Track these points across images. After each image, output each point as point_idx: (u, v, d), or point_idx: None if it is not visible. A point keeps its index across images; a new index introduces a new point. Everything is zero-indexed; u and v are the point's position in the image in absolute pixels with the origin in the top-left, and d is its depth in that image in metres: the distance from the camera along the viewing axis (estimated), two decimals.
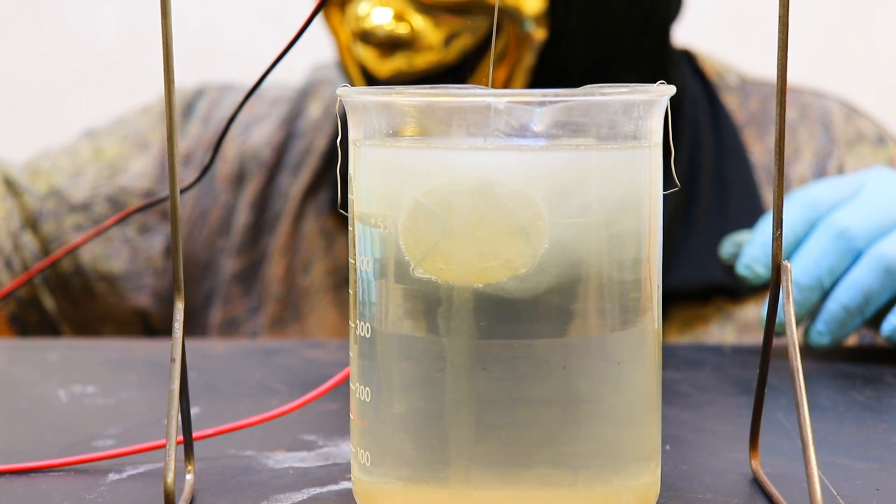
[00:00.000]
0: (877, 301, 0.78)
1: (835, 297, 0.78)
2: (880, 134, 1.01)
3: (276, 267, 1.01)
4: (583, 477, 0.48)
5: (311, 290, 1.00)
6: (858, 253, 0.78)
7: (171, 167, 0.51)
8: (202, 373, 0.77)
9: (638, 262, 0.49)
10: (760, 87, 1.04)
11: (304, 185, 1.02)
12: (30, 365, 0.80)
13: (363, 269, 0.50)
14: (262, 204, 1.03)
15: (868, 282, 0.77)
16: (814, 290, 0.78)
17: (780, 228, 0.51)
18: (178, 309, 0.51)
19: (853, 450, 0.60)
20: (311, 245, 1.01)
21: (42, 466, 0.57)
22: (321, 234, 1.01)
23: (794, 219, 0.79)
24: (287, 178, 1.02)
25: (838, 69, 1.98)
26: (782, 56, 0.50)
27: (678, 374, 0.75)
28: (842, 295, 0.78)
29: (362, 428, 0.50)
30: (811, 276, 0.78)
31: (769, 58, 0.69)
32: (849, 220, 0.78)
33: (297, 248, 1.01)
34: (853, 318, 0.78)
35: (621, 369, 0.49)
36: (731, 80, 1.03)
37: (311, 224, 1.01)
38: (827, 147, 1.00)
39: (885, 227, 0.78)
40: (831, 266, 0.78)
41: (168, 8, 0.50)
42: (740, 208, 0.97)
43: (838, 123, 1.01)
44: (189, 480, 0.54)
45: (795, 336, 0.50)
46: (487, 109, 0.47)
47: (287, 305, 1.01)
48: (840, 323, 0.78)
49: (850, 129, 1.01)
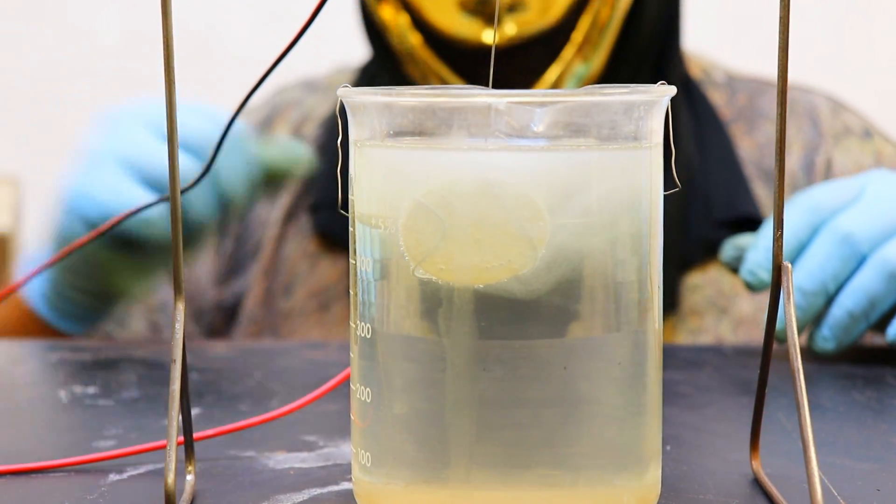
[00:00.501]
0: (882, 306, 0.78)
1: (839, 302, 0.78)
2: (866, 128, 1.02)
3: (255, 290, 1.01)
4: (583, 477, 0.48)
5: (293, 312, 1.00)
6: (863, 257, 0.78)
7: (172, 167, 0.51)
8: (203, 373, 0.77)
9: (639, 262, 0.49)
10: (748, 83, 1.04)
11: (283, 210, 1.02)
12: (30, 365, 0.80)
13: (364, 269, 0.50)
14: (241, 235, 1.03)
15: (873, 287, 0.77)
16: (818, 296, 0.78)
17: (780, 229, 0.51)
18: (179, 310, 0.51)
19: (854, 450, 0.60)
20: (293, 268, 1.01)
21: (43, 467, 0.57)
22: (304, 257, 1.01)
23: (796, 223, 0.79)
24: (265, 206, 1.03)
25: (839, 71, 1.98)
26: (782, 57, 0.50)
27: (679, 374, 0.75)
28: (847, 300, 0.78)
29: (363, 428, 0.50)
30: (816, 282, 0.77)
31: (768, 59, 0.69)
32: (852, 225, 0.78)
33: (277, 271, 1.01)
34: (858, 323, 0.78)
35: (622, 370, 0.49)
36: (717, 76, 1.04)
37: (292, 247, 1.01)
38: (815, 141, 1.00)
39: (888, 231, 0.78)
40: (835, 271, 0.78)
41: (169, 9, 0.50)
42: (727, 203, 0.96)
43: (825, 117, 1.01)
44: (190, 481, 0.54)
45: (796, 336, 0.50)
46: (488, 110, 0.47)
47: (264, 328, 1.00)
48: (845, 329, 0.78)
49: (836, 123, 1.01)
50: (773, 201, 0.51)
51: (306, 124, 1.05)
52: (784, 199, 0.51)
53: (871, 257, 0.78)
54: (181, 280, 0.51)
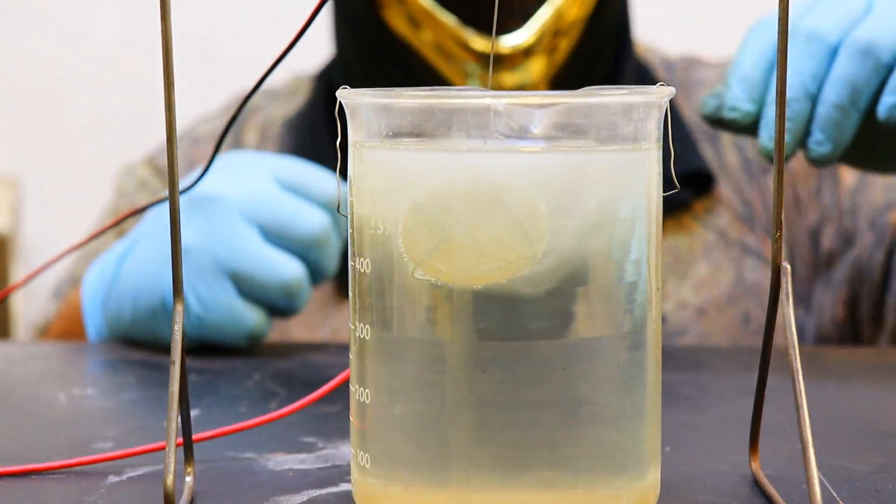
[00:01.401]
0: (867, 90, 0.75)
1: (823, 99, 0.75)
2: None
3: None
4: (583, 479, 0.48)
5: None
6: (834, 49, 0.75)
7: (171, 168, 0.51)
8: (201, 374, 0.77)
9: (638, 263, 0.49)
10: (680, 61, 1.10)
11: None
12: (29, 367, 0.80)
13: (363, 270, 0.50)
14: None
15: (850, 72, 0.75)
16: (801, 101, 0.75)
17: (779, 230, 0.51)
18: (178, 311, 0.51)
19: (853, 452, 0.60)
20: None
21: (41, 469, 0.57)
22: None
23: (765, 46, 0.77)
24: None
25: None
26: (782, 58, 0.50)
27: (678, 375, 0.75)
28: (829, 94, 0.75)
29: (362, 430, 0.50)
30: (793, 87, 0.75)
31: None
32: (815, 21, 0.76)
33: None
34: (848, 115, 0.75)
35: (621, 371, 0.49)
36: (654, 59, 1.09)
37: None
38: None
39: (852, 19, 0.76)
40: (812, 71, 0.75)
41: (168, 9, 0.50)
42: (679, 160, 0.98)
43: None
44: (189, 482, 0.54)
45: (795, 337, 0.50)
46: (487, 111, 0.47)
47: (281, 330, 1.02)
48: (836, 124, 0.75)
49: None
50: (773, 201, 0.51)
51: (270, 128, 1.08)
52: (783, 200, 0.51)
53: (843, 44, 0.75)
54: (181, 282, 0.51)
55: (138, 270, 0.83)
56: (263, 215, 0.80)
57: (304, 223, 0.80)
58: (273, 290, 0.80)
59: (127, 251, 0.85)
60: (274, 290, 0.80)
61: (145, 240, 0.84)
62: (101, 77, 2.09)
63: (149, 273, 0.82)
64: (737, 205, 1.01)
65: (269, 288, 0.80)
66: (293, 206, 0.81)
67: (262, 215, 0.80)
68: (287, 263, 0.80)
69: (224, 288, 0.80)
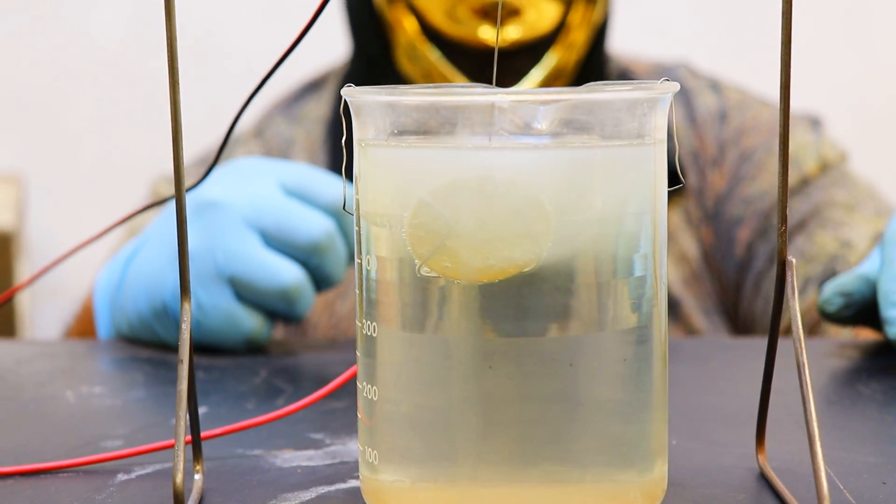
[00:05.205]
0: None
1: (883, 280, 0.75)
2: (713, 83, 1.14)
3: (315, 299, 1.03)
4: (590, 473, 0.49)
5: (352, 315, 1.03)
6: None
7: (177, 168, 0.51)
8: (208, 372, 0.77)
9: (643, 258, 0.49)
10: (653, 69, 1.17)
11: None
12: (37, 366, 0.80)
13: (369, 268, 0.50)
14: None
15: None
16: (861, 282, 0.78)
17: (784, 223, 0.51)
18: (185, 310, 0.51)
19: (860, 444, 0.60)
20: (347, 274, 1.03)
21: (51, 467, 0.58)
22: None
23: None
24: None
25: (841, 76, 1.98)
26: (784, 56, 0.50)
27: (684, 369, 0.76)
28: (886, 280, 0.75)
29: (369, 426, 0.50)
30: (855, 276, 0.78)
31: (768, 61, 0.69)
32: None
33: None
34: None
35: (628, 366, 0.49)
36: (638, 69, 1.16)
37: None
38: None
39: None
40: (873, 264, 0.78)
41: (172, 8, 0.50)
42: None
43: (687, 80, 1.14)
44: (198, 480, 0.54)
45: (801, 330, 0.50)
46: (492, 108, 0.47)
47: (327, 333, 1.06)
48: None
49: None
50: (777, 197, 0.51)
51: None
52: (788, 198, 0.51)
53: None
54: (188, 281, 0.52)
55: (143, 272, 0.83)
56: (265, 221, 0.81)
57: (305, 229, 0.80)
58: (271, 295, 0.80)
59: (135, 252, 0.85)
60: (272, 295, 0.80)
61: (151, 242, 0.84)
62: (105, 74, 2.09)
63: (152, 275, 0.82)
64: None
65: (268, 293, 0.80)
66: (296, 211, 0.81)
67: (264, 221, 0.81)
68: (287, 268, 0.80)
69: (223, 293, 0.80)
